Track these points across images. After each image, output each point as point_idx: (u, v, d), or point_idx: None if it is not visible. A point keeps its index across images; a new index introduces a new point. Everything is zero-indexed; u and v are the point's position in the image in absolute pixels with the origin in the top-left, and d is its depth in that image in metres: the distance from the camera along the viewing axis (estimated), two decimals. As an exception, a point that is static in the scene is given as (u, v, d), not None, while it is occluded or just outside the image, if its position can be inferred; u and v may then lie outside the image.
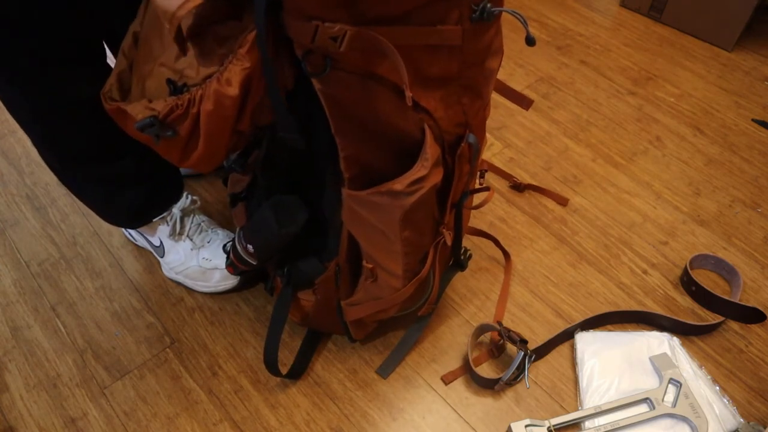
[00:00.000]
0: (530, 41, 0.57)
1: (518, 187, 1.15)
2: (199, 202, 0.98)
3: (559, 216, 1.12)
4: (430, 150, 0.64)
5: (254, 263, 0.80)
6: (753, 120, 1.34)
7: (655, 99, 1.38)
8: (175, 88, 0.61)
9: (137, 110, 0.61)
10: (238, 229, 0.81)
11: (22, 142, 1.21)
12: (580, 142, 1.27)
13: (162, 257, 0.97)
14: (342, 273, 0.78)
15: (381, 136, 0.65)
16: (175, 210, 0.94)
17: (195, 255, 0.94)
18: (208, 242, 0.95)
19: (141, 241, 1.00)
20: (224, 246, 0.91)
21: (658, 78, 1.43)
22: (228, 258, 0.86)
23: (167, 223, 0.94)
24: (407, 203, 0.64)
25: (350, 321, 0.83)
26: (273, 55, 0.58)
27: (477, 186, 0.86)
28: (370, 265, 0.75)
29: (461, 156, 0.72)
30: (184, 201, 0.95)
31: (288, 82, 0.63)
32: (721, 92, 1.41)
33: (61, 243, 1.04)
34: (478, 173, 0.87)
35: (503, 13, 0.60)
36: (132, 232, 1.00)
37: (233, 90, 0.57)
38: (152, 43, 0.65)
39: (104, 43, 0.80)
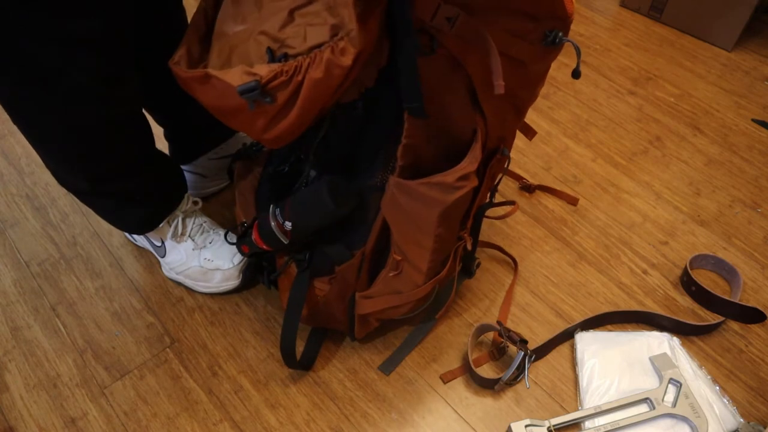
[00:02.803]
0: (576, 75, 0.65)
1: (528, 188, 1.15)
2: (200, 204, 0.98)
3: (559, 216, 1.12)
4: (479, 150, 0.68)
5: (285, 243, 0.79)
6: (753, 120, 1.34)
7: (655, 99, 1.38)
8: (274, 57, 0.62)
9: (235, 76, 0.62)
10: (272, 206, 0.79)
11: (22, 143, 1.21)
12: (580, 142, 1.27)
13: (163, 257, 0.97)
14: (365, 263, 0.79)
15: (439, 131, 0.69)
16: (178, 211, 0.94)
17: (197, 255, 0.94)
18: (210, 243, 0.95)
19: (141, 242, 1.00)
20: (230, 233, 0.90)
21: (658, 78, 1.43)
22: (246, 236, 0.83)
23: (169, 224, 0.93)
24: (451, 199, 0.68)
25: (358, 315, 0.84)
26: (379, 31, 0.61)
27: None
28: (399, 257, 0.76)
29: (492, 167, 0.77)
30: (186, 203, 0.95)
31: (383, 60, 0.65)
32: (721, 92, 1.41)
33: (61, 243, 1.04)
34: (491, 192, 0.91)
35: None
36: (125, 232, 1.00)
37: (347, 60, 0.58)
38: (244, 10, 0.66)
39: None
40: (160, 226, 0.92)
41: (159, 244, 0.96)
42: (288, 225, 0.77)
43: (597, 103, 1.36)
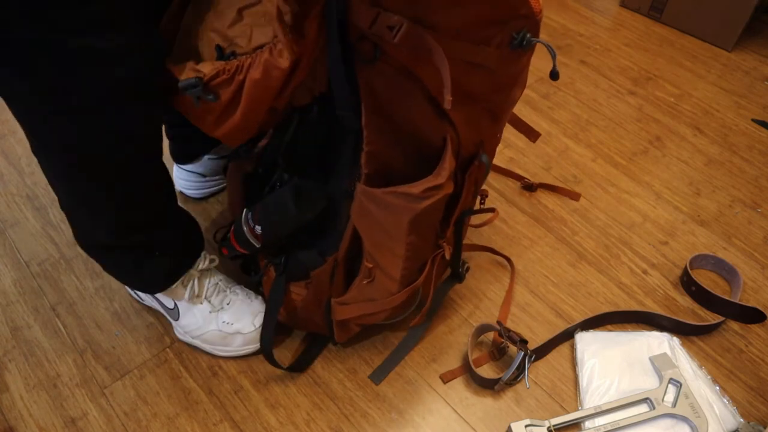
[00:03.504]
0: (554, 76, 0.61)
1: (530, 188, 1.15)
2: (217, 261, 0.90)
3: (559, 216, 1.12)
4: (448, 161, 0.66)
5: (257, 246, 0.79)
6: (753, 120, 1.34)
7: (655, 99, 1.38)
8: (222, 54, 0.62)
9: (182, 71, 0.63)
10: (245, 210, 0.80)
11: (22, 143, 1.21)
12: (580, 142, 1.27)
13: (176, 320, 0.89)
14: (338, 269, 0.78)
15: (405, 138, 0.66)
16: (194, 271, 0.86)
17: (214, 318, 0.87)
18: (228, 304, 0.88)
19: (149, 302, 0.92)
20: (215, 234, 0.89)
21: (658, 78, 1.43)
22: (225, 239, 0.84)
23: (184, 285, 0.86)
24: (419, 207, 0.65)
25: (336, 321, 0.83)
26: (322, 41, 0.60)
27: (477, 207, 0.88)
28: (370, 265, 0.75)
29: (471, 174, 0.74)
30: (203, 261, 0.88)
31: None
32: (721, 92, 1.41)
33: (61, 243, 1.04)
34: (480, 195, 0.89)
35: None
36: (140, 292, 0.94)
37: (284, 62, 0.58)
38: (202, 7, 0.66)
39: None
40: (174, 287, 0.86)
41: (171, 306, 0.88)
42: (258, 229, 0.77)
43: (597, 103, 1.36)
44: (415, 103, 0.64)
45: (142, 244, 0.80)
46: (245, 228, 0.79)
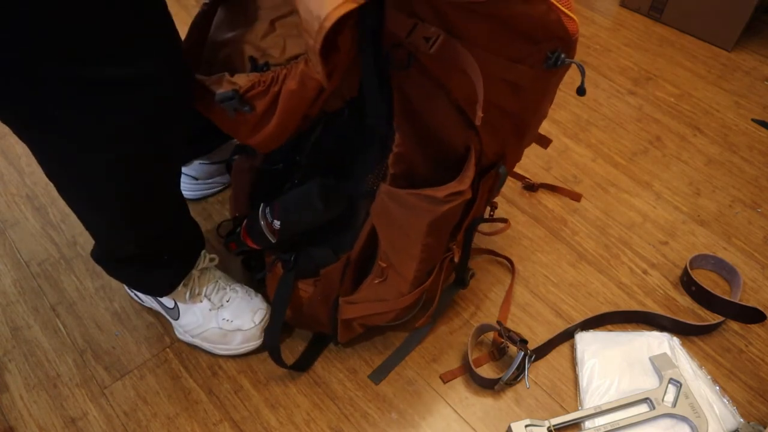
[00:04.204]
0: (581, 92, 0.61)
1: (531, 187, 1.15)
2: (217, 260, 0.90)
3: (559, 216, 1.12)
4: (471, 170, 0.67)
5: (272, 242, 0.79)
6: (753, 120, 1.34)
7: (655, 99, 1.38)
8: (256, 66, 0.62)
9: (217, 83, 0.63)
10: (262, 205, 0.79)
11: (22, 143, 1.21)
12: (580, 142, 1.27)
13: (176, 320, 0.89)
14: (350, 268, 0.79)
15: (431, 142, 0.68)
16: (194, 270, 0.86)
17: (214, 316, 0.87)
18: (228, 301, 0.88)
19: (149, 302, 0.92)
20: (218, 228, 0.89)
21: (658, 78, 1.43)
22: (233, 234, 0.84)
23: (185, 284, 0.86)
24: (440, 210, 0.67)
25: (341, 320, 0.83)
26: (354, 50, 0.60)
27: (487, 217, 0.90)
28: (384, 264, 0.76)
29: (486, 182, 0.76)
30: (203, 260, 0.88)
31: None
32: (721, 92, 1.41)
33: (61, 243, 1.04)
34: (489, 206, 0.90)
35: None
36: (140, 293, 0.94)
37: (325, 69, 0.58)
38: (234, 18, 0.66)
39: None
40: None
41: (171, 305, 0.88)
42: (277, 224, 0.77)
43: (597, 103, 1.36)
44: (444, 110, 0.65)
45: (153, 254, 0.81)
46: (262, 223, 0.78)
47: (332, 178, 0.77)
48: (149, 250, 0.80)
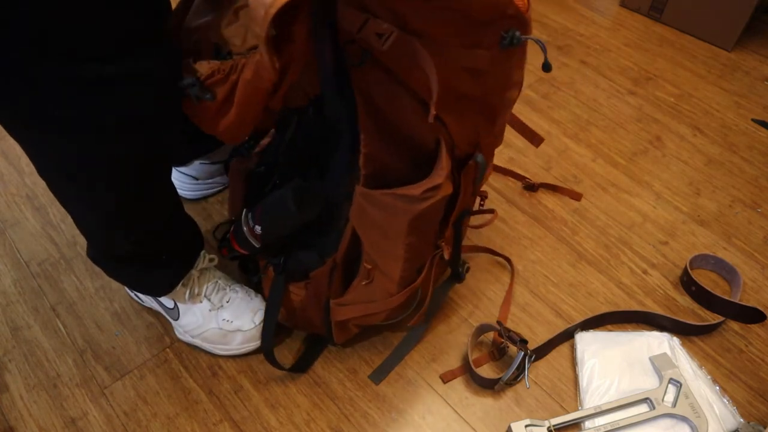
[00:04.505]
0: (547, 68, 0.60)
1: (532, 187, 1.15)
2: (216, 260, 0.91)
3: (559, 216, 1.12)
4: (445, 161, 0.65)
5: (257, 246, 0.79)
6: (753, 120, 1.34)
7: (655, 99, 1.38)
8: (219, 53, 0.62)
9: (184, 70, 0.63)
10: (245, 210, 0.80)
11: (22, 142, 1.21)
12: (580, 142, 1.27)
13: (176, 320, 0.89)
14: (337, 270, 0.78)
15: (401, 139, 0.66)
16: (193, 270, 0.86)
17: (214, 317, 0.87)
18: (228, 302, 0.88)
19: (149, 302, 0.92)
20: (214, 231, 0.89)
21: (658, 78, 1.43)
22: (225, 239, 0.84)
23: (185, 284, 0.86)
24: (418, 209, 0.65)
25: (335, 322, 0.83)
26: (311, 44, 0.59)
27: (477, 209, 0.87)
28: (369, 266, 0.75)
29: (467, 174, 0.74)
30: (203, 260, 0.88)
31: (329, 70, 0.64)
32: (721, 92, 1.41)
33: (61, 243, 1.04)
34: (479, 197, 0.88)
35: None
36: (140, 293, 0.93)
37: (275, 64, 0.58)
38: (202, 6, 0.66)
39: None
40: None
41: (171, 306, 0.88)
42: (258, 229, 0.77)
43: (597, 103, 1.36)
44: (408, 106, 0.64)
45: (152, 253, 0.80)
46: (245, 228, 0.78)
47: (311, 179, 0.76)
48: (146, 249, 0.80)
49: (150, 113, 0.63)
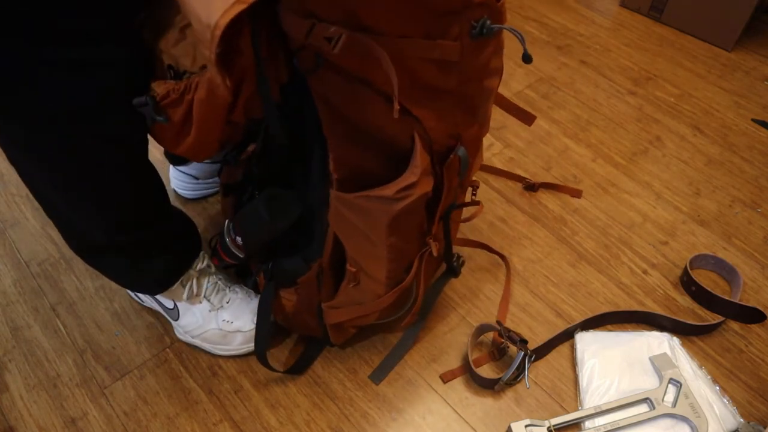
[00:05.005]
0: (527, 59, 0.57)
1: (532, 187, 1.15)
2: None
3: (558, 216, 1.12)
4: (420, 158, 0.62)
5: (241, 256, 0.80)
6: (753, 120, 1.34)
7: (655, 99, 1.38)
8: (176, 73, 0.61)
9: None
10: (227, 221, 0.80)
11: (22, 142, 1.21)
12: (580, 142, 1.27)
13: (176, 320, 0.89)
14: (324, 275, 0.77)
15: (371, 140, 0.64)
16: (192, 271, 0.87)
17: (214, 317, 0.88)
18: (228, 302, 0.89)
19: (149, 302, 0.92)
20: (210, 240, 0.89)
21: (658, 78, 1.43)
22: (214, 250, 0.85)
23: (183, 285, 0.86)
24: (395, 209, 0.63)
25: (330, 324, 0.83)
26: (267, 49, 0.58)
27: (469, 200, 0.86)
28: (354, 269, 0.74)
29: (450, 168, 0.70)
30: (202, 261, 0.88)
31: (282, 76, 0.62)
32: (721, 92, 1.41)
33: (61, 243, 1.04)
34: (471, 188, 0.86)
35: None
36: (139, 293, 0.94)
37: (227, 81, 0.56)
38: (155, 25, 0.65)
39: None
40: (174, 287, 0.86)
41: (171, 306, 0.89)
42: (239, 240, 0.78)
43: (597, 103, 1.36)
44: (372, 105, 0.61)
45: (133, 244, 0.79)
46: (227, 239, 0.79)
47: (289, 187, 0.75)
48: (122, 241, 0.78)
49: (110, 95, 0.62)
